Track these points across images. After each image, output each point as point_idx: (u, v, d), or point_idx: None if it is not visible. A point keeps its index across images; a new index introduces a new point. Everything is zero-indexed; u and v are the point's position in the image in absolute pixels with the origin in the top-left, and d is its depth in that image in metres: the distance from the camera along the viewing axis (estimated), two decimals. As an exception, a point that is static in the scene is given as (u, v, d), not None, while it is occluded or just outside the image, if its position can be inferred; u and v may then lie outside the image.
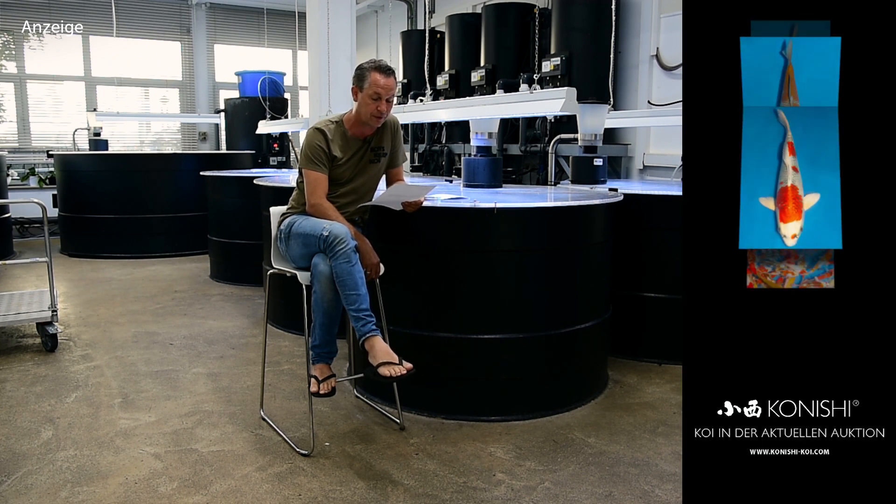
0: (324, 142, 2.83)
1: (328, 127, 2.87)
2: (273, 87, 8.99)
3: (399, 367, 2.56)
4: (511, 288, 3.09)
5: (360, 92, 2.80)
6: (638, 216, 3.79)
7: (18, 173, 9.01)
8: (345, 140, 2.88)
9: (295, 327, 4.35)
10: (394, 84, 2.82)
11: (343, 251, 2.61)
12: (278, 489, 2.46)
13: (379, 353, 2.59)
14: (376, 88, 2.76)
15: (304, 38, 6.43)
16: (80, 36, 9.26)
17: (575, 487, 2.48)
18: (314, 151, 2.83)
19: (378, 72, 2.78)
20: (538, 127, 5.75)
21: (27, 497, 2.39)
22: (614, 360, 3.80)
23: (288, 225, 2.87)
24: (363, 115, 2.81)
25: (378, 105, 2.78)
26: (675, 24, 5.27)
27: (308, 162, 2.84)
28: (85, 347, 4.13)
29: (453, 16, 7.02)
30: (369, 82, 2.77)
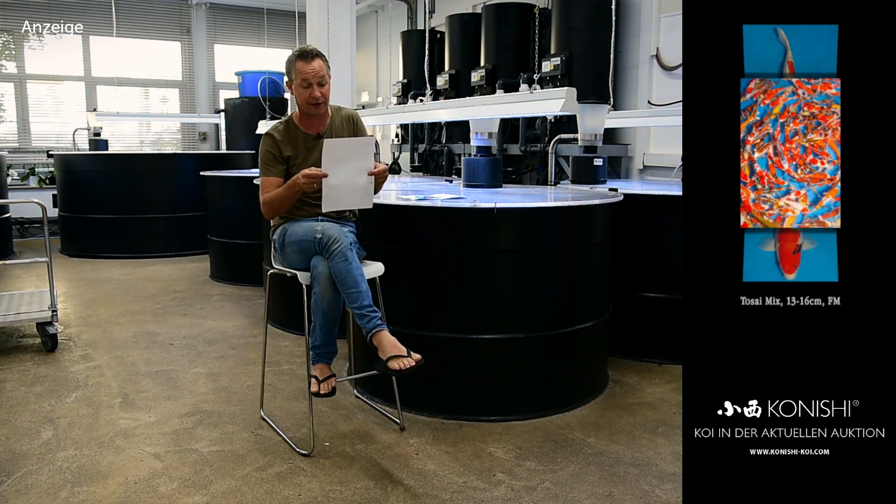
0: (273, 145, 2.86)
1: (276, 129, 2.90)
2: (273, 87, 8.99)
3: (408, 359, 2.56)
4: (511, 288, 3.09)
5: (292, 84, 2.83)
6: (638, 216, 3.79)
7: (18, 173, 9.00)
8: (296, 137, 2.88)
9: (295, 327, 4.34)
10: (321, 66, 2.80)
11: (339, 250, 2.62)
12: (278, 489, 2.46)
13: (387, 347, 2.59)
14: (303, 76, 2.77)
15: (304, 38, 6.44)
16: (80, 36, 9.26)
17: (575, 487, 2.49)
18: (264, 157, 2.88)
19: (301, 59, 2.78)
20: (538, 127, 5.74)
21: (27, 497, 2.39)
22: (614, 360, 3.80)
23: (280, 235, 2.88)
24: (301, 105, 2.84)
25: (311, 91, 2.78)
26: (675, 24, 5.27)
27: (262, 171, 2.89)
28: (85, 347, 4.13)
29: (453, 16, 7.01)
30: (296, 71, 2.79)
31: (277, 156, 2.86)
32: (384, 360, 2.57)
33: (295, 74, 2.79)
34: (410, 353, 2.57)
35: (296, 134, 2.88)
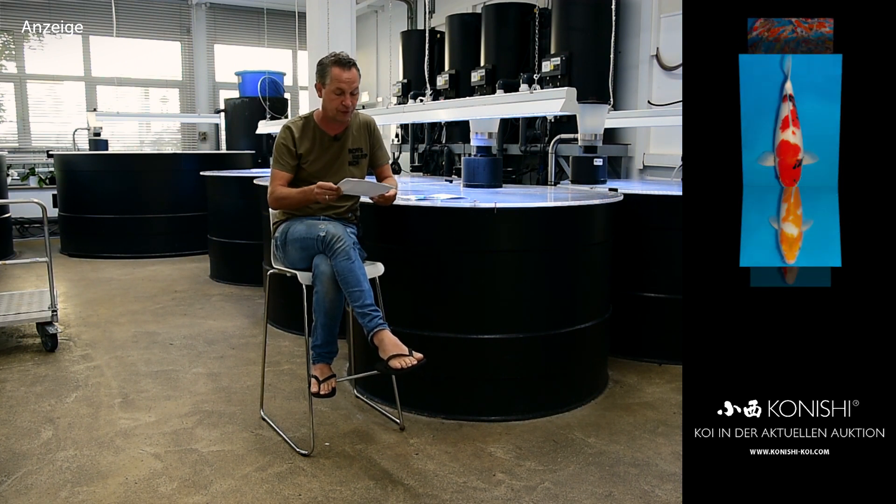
0: (289, 139, 2.86)
1: (295, 124, 2.90)
2: (273, 87, 9.00)
3: (409, 358, 2.56)
4: (511, 288, 3.09)
5: (324, 88, 2.82)
6: (638, 216, 3.79)
7: (18, 173, 9.01)
8: (313, 134, 2.88)
9: (295, 327, 4.34)
10: (356, 76, 2.81)
11: (342, 249, 2.62)
12: (278, 489, 2.46)
13: (388, 346, 2.59)
14: (338, 84, 2.77)
15: (304, 38, 6.44)
16: (80, 36, 9.26)
17: (575, 487, 2.48)
18: (279, 149, 2.88)
19: (338, 66, 2.78)
20: (538, 127, 5.75)
21: (27, 497, 2.39)
22: (614, 360, 3.79)
23: (282, 233, 2.87)
24: (329, 110, 2.83)
25: (342, 100, 2.78)
26: (675, 24, 5.28)
27: (274, 162, 2.89)
28: (85, 347, 4.13)
29: (453, 16, 7.02)
30: (331, 77, 2.78)
31: (292, 150, 2.86)
32: (385, 360, 2.57)
33: (330, 80, 2.78)
34: (412, 353, 2.57)
35: (314, 132, 2.89)
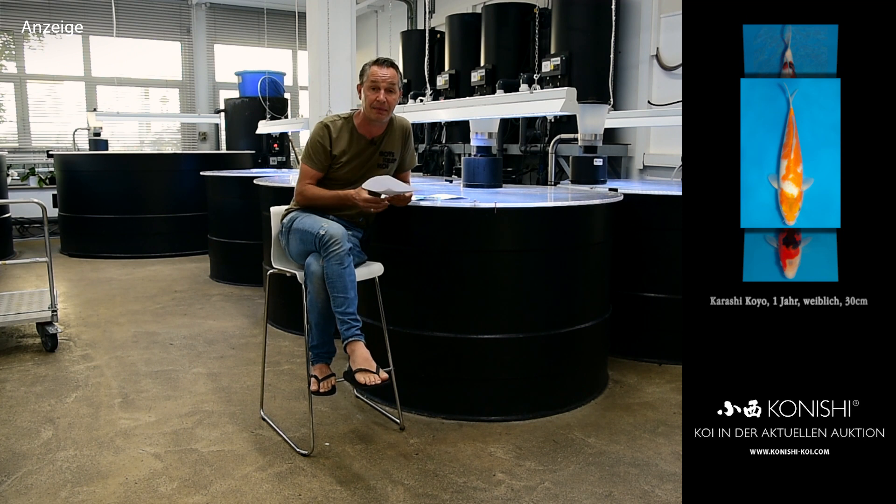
0: (326, 138, 2.86)
1: (334, 122, 2.91)
2: (273, 87, 8.98)
3: (375, 375, 2.60)
4: (511, 288, 3.09)
5: (362, 87, 2.88)
6: (638, 216, 3.79)
7: (18, 173, 9.01)
8: (350, 136, 2.90)
9: (295, 327, 4.34)
10: (393, 74, 2.85)
11: (336, 253, 2.62)
12: (278, 489, 2.46)
13: (358, 358, 2.63)
14: (373, 78, 2.82)
15: (304, 38, 6.43)
16: (80, 36, 9.26)
17: (575, 487, 2.48)
18: (314, 147, 2.89)
19: (375, 64, 2.86)
20: (538, 127, 5.74)
21: (27, 497, 2.39)
22: (614, 360, 3.79)
23: (290, 220, 2.89)
24: (366, 108, 2.86)
25: (377, 95, 2.81)
26: (675, 24, 5.27)
27: (306, 157, 2.90)
28: (85, 347, 4.13)
29: (453, 16, 7.01)
30: (368, 74, 2.85)
31: (327, 149, 2.87)
32: (353, 371, 2.62)
33: (366, 77, 2.85)
34: (380, 371, 2.61)
35: (351, 133, 2.90)
